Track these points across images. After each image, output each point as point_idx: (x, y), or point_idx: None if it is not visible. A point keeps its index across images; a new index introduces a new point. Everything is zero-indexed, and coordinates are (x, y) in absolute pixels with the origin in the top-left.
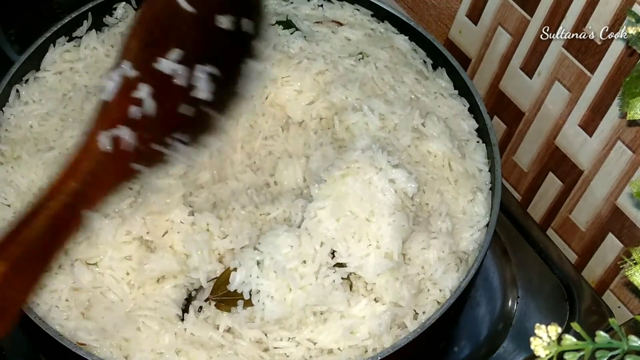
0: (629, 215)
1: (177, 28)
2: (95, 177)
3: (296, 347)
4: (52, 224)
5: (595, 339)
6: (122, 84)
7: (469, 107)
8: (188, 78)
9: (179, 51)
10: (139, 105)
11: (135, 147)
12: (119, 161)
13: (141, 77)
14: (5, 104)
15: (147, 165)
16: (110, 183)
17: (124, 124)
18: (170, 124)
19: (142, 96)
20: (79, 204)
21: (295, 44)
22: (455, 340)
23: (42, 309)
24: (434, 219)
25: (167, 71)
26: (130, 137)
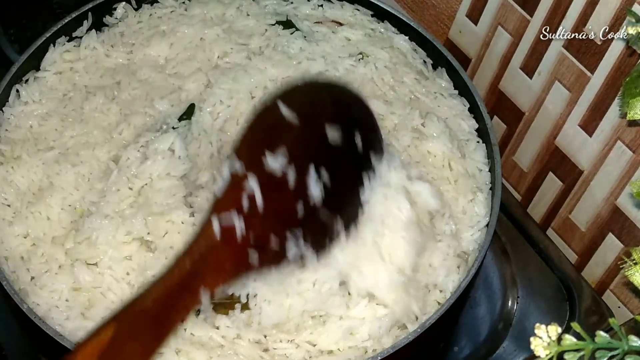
0: (629, 215)
1: (285, 131)
2: (213, 260)
3: (296, 348)
4: (167, 297)
5: (595, 339)
6: (233, 180)
7: (469, 107)
8: (297, 178)
9: (285, 149)
10: (250, 198)
11: (251, 235)
12: (234, 250)
13: (250, 171)
14: (5, 104)
15: (265, 260)
16: (228, 268)
17: (236, 212)
18: (285, 220)
19: (252, 189)
20: (195, 282)
21: (295, 44)
22: (455, 340)
23: (42, 309)
24: (437, 221)
25: (275, 167)
26: (243, 226)
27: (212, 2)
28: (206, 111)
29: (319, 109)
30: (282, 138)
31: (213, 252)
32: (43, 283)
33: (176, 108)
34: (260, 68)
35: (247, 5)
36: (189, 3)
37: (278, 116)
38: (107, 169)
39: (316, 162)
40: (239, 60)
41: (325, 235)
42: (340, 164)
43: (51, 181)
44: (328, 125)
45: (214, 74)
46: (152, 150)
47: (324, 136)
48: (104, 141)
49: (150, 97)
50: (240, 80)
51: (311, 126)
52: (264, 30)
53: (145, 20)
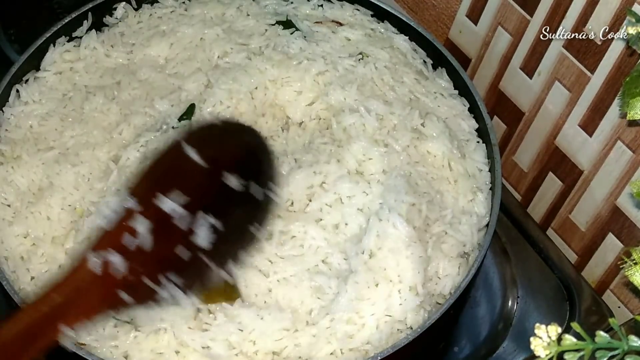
0: (629, 215)
1: (185, 174)
2: (79, 296)
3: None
4: (26, 332)
5: (595, 339)
6: (123, 216)
7: (469, 107)
8: (188, 223)
9: (180, 193)
10: (135, 237)
11: (124, 276)
12: (106, 286)
13: (141, 210)
14: (5, 104)
15: (136, 299)
16: (94, 305)
17: (116, 250)
18: (165, 263)
19: (139, 229)
20: (59, 318)
21: (295, 44)
22: (455, 340)
23: None
24: (440, 223)
25: (168, 210)
26: (121, 265)
27: (212, 2)
28: (206, 111)
29: (223, 153)
30: (181, 177)
31: (86, 288)
32: (43, 283)
33: (176, 108)
34: (260, 68)
35: (247, 5)
36: (189, 3)
37: (180, 157)
38: (107, 169)
39: (209, 209)
40: (239, 60)
41: (199, 278)
42: (231, 212)
43: (51, 181)
44: (228, 173)
45: (214, 74)
46: (151, 150)
47: (221, 182)
48: (104, 141)
49: (150, 97)
50: (240, 81)
51: (214, 172)
52: (264, 30)
53: (145, 20)
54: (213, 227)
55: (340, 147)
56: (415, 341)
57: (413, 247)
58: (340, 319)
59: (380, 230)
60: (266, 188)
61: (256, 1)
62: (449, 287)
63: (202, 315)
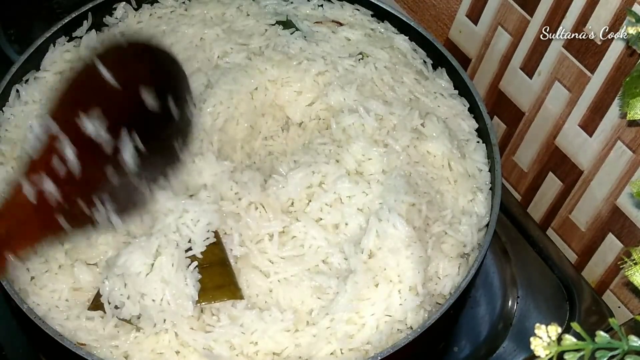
0: (629, 215)
1: (102, 94)
2: (20, 225)
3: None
4: None
5: (595, 339)
6: (47, 139)
7: (469, 107)
8: (111, 143)
9: (100, 113)
10: (63, 161)
11: (59, 202)
12: (44, 212)
13: (64, 132)
14: (5, 104)
15: (74, 224)
16: (35, 233)
17: (48, 176)
18: (96, 186)
19: (66, 153)
20: (3, 247)
21: (295, 44)
22: (455, 340)
23: (42, 309)
24: (440, 223)
25: (91, 132)
26: (54, 190)
27: (212, 2)
28: (206, 112)
29: (137, 72)
30: (99, 100)
31: (26, 217)
32: (43, 283)
33: None
34: (260, 68)
35: (247, 5)
36: (189, 3)
37: (96, 77)
38: None
39: (131, 126)
40: (239, 60)
41: (132, 200)
42: (154, 128)
43: None
44: (145, 89)
45: (214, 74)
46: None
47: (139, 100)
48: None
49: None
50: (241, 81)
51: (128, 89)
52: (264, 30)
53: (145, 20)
54: (137, 148)
55: (339, 147)
56: (415, 341)
57: (413, 247)
58: (341, 319)
59: (380, 230)
60: (184, 105)
61: (256, 1)
62: (449, 287)
63: (205, 316)
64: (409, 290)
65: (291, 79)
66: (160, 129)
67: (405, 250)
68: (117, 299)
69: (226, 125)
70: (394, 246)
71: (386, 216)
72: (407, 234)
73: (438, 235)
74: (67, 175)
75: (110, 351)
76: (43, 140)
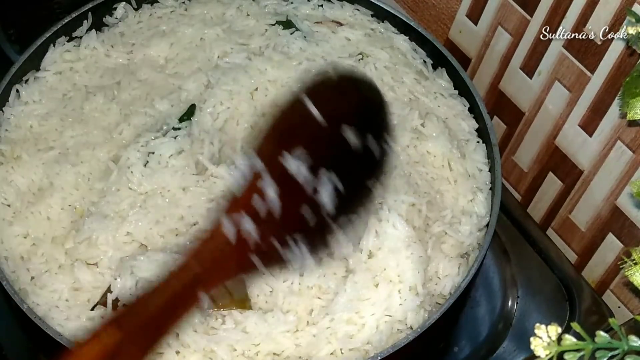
0: (629, 215)
1: (306, 131)
2: (216, 263)
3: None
4: (170, 302)
5: (595, 339)
6: (251, 177)
7: (469, 107)
8: (311, 182)
9: (303, 151)
10: (264, 200)
11: (256, 241)
12: (240, 251)
13: (268, 171)
14: (5, 104)
15: (265, 263)
16: (229, 271)
17: (248, 214)
18: (292, 225)
19: (268, 191)
20: (198, 286)
21: (295, 44)
22: (455, 340)
23: (42, 309)
24: (440, 223)
25: (293, 170)
26: (252, 229)
27: (212, 2)
28: (206, 112)
29: (342, 108)
30: (303, 137)
31: (222, 255)
32: (43, 283)
33: (176, 108)
34: (261, 69)
35: (247, 5)
36: (189, 3)
37: (302, 112)
38: (107, 169)
39: (332, 165)
40: (239, 60)
41: (324, 241)
42: (352, 167)
43: (51, 181)
44: (350, 129)
45: (214, 74)
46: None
47: (343, 140)
48: (104, 141)
49: (150, 97)
50: (241, 81)
51: (332, 126)
52: (264, 31)
53: (145, 20)
54: (335, 187)
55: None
56: (415, 341)
57: (413, 247)
58: (341, 319)
59: (379, 230)
60: (383, 142)
61: (256, 1)
62: (449, 287)
63: (210, 319)
64: (409, 290)
65: (291, 79)
66: (359, 167)
67: (405, 250)
68: (127, 299)
69: (226, 125)
70: (394, 246)
71: (386, 216)
72: (407, 234)
73: (438, 235)
74: (266, 214)
75: None
76: (248, 178)
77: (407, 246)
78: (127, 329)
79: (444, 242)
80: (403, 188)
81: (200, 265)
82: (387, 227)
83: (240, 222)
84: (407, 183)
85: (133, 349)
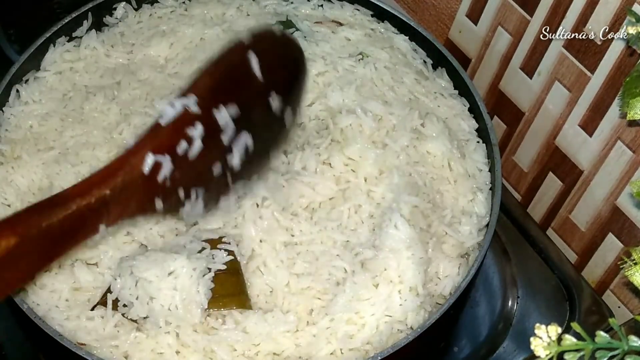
0: (629, 215)
1: (242, 85)
2: (124, 194)
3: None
4: (70, 221)
5: (595, 339)
6: (181, 115)
7: (469, 107)
8: (231, 139)
9: (236, 107)
10: (187, 143)
11: (165, 183)
12: (149, 189)
13: (200, 116)
14: (5, 104)
15: (165, 207)
16: (133, 207)
17: (169, 154)
18: (200, 177)
19: (194, 135)
20: (100, 213)
21: None
22: (455, 340)
23: (42, 309)
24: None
25: (221, 122)
26: (168, 172)
27: (212, 2)
28: None
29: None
30: (238, 92)
31: (132, 188)
32: (43, 283)
33: None
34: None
35: (247, 5)
36: (189, 3)
37: (241, 64)
38: None
39: (250, 128)
40: None
41: (219, 195)
42: (265, 137)
43: (51, 181)
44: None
45: None
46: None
47: (268, 104)
48: (104, 141)
49: (150, 97)
50: None
51: (266, 91)
52: None
53: (145, 20)
54: (246, 149)
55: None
56: (415, 341)
57: (414, 248)
58: (341, 319)
59: (380, 230)
60: (296, 114)
61: (256, 1)
62: (449, 287)
63: (210, 319)
64: (410, 290)
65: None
66: (271, 132)
67: (406, 250)
68: (127, 299)
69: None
70: (395, 246)
71: (386, 216)
72: (409, 235)
73: (438, 236)
74: (182, 158)
75: (110, 351)
76: (178, 113)
77: (408, 247)
78: (27, 237)
79: (444, 242)
80: (403, 188)
81: (110, 191)
82: (389, 227)
83: (162, 164)
84: (407, 183)
85: (29, 258)
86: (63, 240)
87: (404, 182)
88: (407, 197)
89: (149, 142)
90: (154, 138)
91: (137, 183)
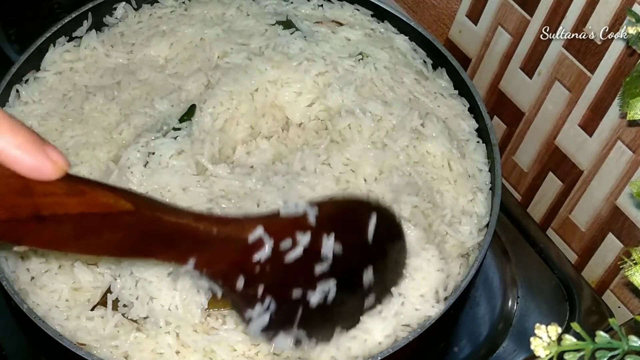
0: (629, 215)
1: (352, 238)
2: (222, 246)
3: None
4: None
5: (595, 339)
6: (300, 217)
7: (469, 107)
8: (320, 275)
9: (341, 246)
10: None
11: (253, 268)
12: (242, 260)
13: (313, 229)
14: (5, 104)
15: (242, 292)
16: (221, 266)
17: (274, 240)
18: (281, 287)
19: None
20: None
21: (295, 44)
22: (455, 340)
23: (42, 309)
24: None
25: (324, 251)
26: (265, 255)
27: (212, 2)
28: (207, 112)
29: (382, 248)
30: (349, 236)
31: (232, 244)
32: (43, 283)
33: (176, 108)
34: (261, 69)
35: (247, 5)
36: (189, 3)
37: (362, 221)
38: (107, 169)
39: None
40: (239, 60)
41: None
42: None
43: None
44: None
45: (214, 74)
46: (156, 157)
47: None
48: (104, 141)
49: (150, 97)
50: (241, 82)
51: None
52: (264, 31)
53: (145, 20)
54: (326, 296)
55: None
56: (415, 341)
57: (428, 250)
58: None
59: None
60: (377, 301)
61: (256, 1)
62: (449, 287)
63: (211, 319)
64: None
65: (291, 80)
66: (347, 299)
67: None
68: (127, 299)
69: (226, 125)
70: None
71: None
72: (416, 237)
73: (439, 236)
74: (280, 255)
75: (110, 351)
76: (298, 214)
77: (422, 249)
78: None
79: (444, 242)
80: (403, 188)
81: (216, 231)
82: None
83: (264, 244)
84: (407, 183)
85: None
86: (157, 243)
87: (404, 182)
88: (407, 197)
89: (265, 220)
90: (270, 220)
91: (237, 245)
